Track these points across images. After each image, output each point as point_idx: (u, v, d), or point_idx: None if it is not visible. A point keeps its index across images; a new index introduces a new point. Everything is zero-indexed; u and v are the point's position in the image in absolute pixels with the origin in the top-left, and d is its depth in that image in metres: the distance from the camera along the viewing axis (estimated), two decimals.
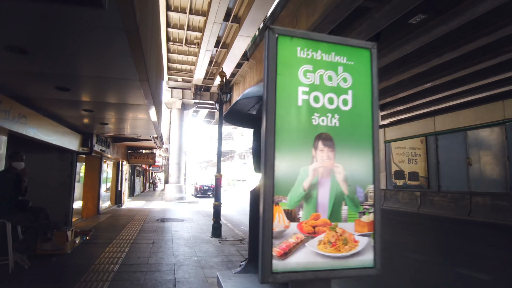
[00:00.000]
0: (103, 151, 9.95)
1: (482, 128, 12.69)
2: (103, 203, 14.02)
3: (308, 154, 2.55)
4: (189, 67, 18.59)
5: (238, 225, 10.37)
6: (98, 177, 11.23)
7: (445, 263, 5.75)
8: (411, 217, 13.28)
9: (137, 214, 11.82)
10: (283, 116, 2.54)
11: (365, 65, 2.85)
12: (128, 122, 6.90)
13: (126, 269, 4.67)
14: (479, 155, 12.56)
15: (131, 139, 11.59)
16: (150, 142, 12.21)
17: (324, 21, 8.65)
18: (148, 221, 9.95)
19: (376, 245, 2.70)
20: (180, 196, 19.87)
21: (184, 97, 20.16)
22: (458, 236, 9.03)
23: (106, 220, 9.92)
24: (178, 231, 8.21)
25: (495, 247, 7.52)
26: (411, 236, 9.38)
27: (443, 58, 11.74)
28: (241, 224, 10.75)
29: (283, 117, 2.54)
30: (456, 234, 9.35)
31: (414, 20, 8.96)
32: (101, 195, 14.19)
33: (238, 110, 4.10)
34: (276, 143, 2.49)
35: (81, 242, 6.32)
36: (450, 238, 8.81)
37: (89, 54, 3.05)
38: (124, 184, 17.11)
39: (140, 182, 27.41)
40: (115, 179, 14.73)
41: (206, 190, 25.96)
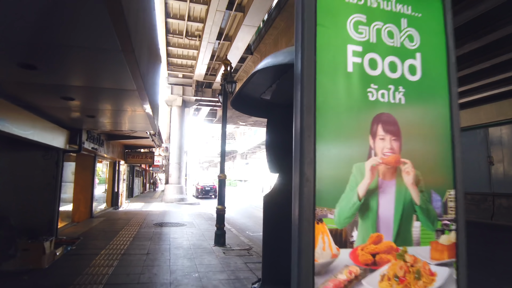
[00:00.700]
0: (96, 150, 9.12)
1: (505, 124, 11.76)
2: (98, 205, 13.22)
3: (363, 143, 1.72)
4: (190, 62, 17.75)
5: (242, 230, 9.53)
6: (91, 177, 10.40)
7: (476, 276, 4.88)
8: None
9: (133, 217, 10.98)
10: (326, 87, 1.71)
11: (436, 18, 2.00)
12: (119, 115, 6.06)
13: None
14: (502, 153, 11.64)
15: (127, 136, 10.76)
16: (147, 140, 11.38)
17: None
18: (144, 226, 9.11)
19: (460, 279, 1.85)
20: (180, 197, 19.04)
21: (185, 94, 19.33)
22: (482, 243, 8.16)
23: (99, 225, 9.09)
24: (177, 238, 7.37)
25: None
26: None
27: (463, 49, 10.88)
28: (246, 229, 9.92)
29: (327, 88, 1.71)
30: (481, 241, 8.48)
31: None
32: (95, 197, 13.44)
33: (249, 94, 3.24)
34: (317, 127, 1.64)
35: (64, 254, 5.48)
36: (472, 244, 7.93)
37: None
38: (122, 185, 16.30)
39: (139, 182, 26.59)
40: (111, 180, 13.90)
41: (208, 191, 25.14)
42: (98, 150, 9.48)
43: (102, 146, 9.87)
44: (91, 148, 8.63)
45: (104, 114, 5.85)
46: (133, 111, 5.58)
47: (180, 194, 19.17)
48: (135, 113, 5.80)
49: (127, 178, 20.23)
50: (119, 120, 6.61)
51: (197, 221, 10.58)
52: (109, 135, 10.51)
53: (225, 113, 7.14)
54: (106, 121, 6.52)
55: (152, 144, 12.68)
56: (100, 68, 3.31)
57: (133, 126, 7.38)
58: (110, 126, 7.36)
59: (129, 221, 10.03)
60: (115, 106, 5.29)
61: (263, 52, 14.40)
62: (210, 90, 19.49)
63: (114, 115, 6.13)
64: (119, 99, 4.82)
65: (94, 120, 6.57)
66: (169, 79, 19.13)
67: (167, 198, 18.88)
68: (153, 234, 7.76)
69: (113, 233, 7.75)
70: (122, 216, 11.56)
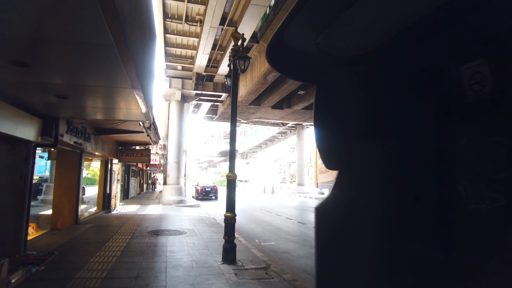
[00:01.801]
0: (80, 145, 7.76)
1: None
2: (87, 209, 11.87)
3: None
4: (190, 53, 16.40)
5: (251, 239, 8.18)
6: (77, 177, 9.04)
7: None
8: None
9: (126, 223, 9.62)
10: None
11: None
12: (101, 98, 4.72)
13: None
14: None
15: (118, 131, 9.41)
16: (142, 135, 10.02)
17: None
18: (137, 234, 7.75)
19: None
20: (179, 199, 17.67)
21: (184, 87, 17.96)
22: None
23: (84, 234, 7.72)
24: (175, 252, 6.01)
25: None
26: None
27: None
28: (255, 236, 8.56)
29: None
30: None
31: None
32: (84, 199, 12.08)
33: (294, 38, 1.84)
34: None
35: (25, 279, 4.12)
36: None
37: None
38: (115, 185, 14.93)
39: (136, 183, 25.20)
40: (103, 180, 12.53)
41: (208, 192, 23.78)
42: (84, 145, 8.12)
43: (89, 141, 8.51)
44: (73, 142, 7.26)
45: (79, 95, 4.49)
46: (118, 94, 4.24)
47: (179, 195, 17.80)
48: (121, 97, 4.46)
49: (122, 178, 18.85)
50: (103, 104, 5.25)
51: (199, 227, 9.22)
52: (98, 129, 9.15)
53: (235, 98, 5.80)
54: (83, 104, 5.16)
55: (148, 140, 11.32)
56: (75, 25, 1.96)
57: (119, 114, 6.02)
58: (93, 114, 6.01)
59: (120, 227, 8.67)
60: (93, 82, 3.93)
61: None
62: (212, 83, 18.14)
63: (93, 99, 4.78)
64: (101, 75, 3.49)
65: (73, 105, 5.22)
66: (167, 71, 17.76)
67: (165, 200, 17.51)
68: (146, 246, 6.39)
69: (98, 244, 6.38)
70: (113, 221, 10.19)
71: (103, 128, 9.19)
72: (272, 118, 23.57)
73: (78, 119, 7.15)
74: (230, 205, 5.45)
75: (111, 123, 7.49)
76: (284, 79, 15.10)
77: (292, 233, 9.60)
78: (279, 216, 13.51)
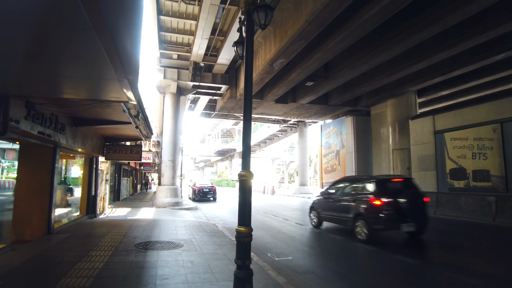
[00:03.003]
0: (49, 136, 6.18)
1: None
2: (69, 213, 10.26)
3: None
4: (187, 39, 14.80)
5: (262, 251, 6.61)
6: (50, 177, 7.45)
7: None
8: (488, 230, 9.65)
9: (111, 231, 8.05)
10: None
11: None
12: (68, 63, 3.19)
13: None
14: None
15: (99, 121, 7.82)
16: (131, 127, 8.43)
17: None
18: (121, 248, 6.18)
19: None
20: (175, 201, 16.08)
21: (181, 78, 16.36)
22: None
23: (53, 249, 6.15)
24: (167, 278, 4.46)
25: None
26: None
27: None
28: (266, 248, 6.93)
29: None
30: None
31: None
32: (67, 201, 10.49)
33: None
34: None
35: None
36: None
37: None
38: (103, 186, 13.33)
39: (128, 183, 23.53)
40: (87, 181, 10.94)
41: (206, 192, 22.20)
42: (55, 138, 6.53)
43: (62, 132, 6.91)
44: (38, 133, 5.68)
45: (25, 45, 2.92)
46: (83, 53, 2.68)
47: (174, 197, 16.21)
48: (88, 57, 2.90)
49: (112, 179, 17.22)
50: (69, 73, 3.69)
51: (197, 237, 7.67)
52: (75, 118, 7.57)
53: (250, 71, 4.28)
54: (34, 65, 3.57)
55: (138, 134, 9.73)
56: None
57: (89, 90, 4.44)
58: (57, 88, 4.43)
59: (102, 238, 7.09)
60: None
61: (279, 21, 11.51)
62: (210, 74, 16.55)
63: (45, 57, 3.21)
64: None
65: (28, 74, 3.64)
66: (161, 60, 16.12)
67: (159, 202, 15.91)
68: (129, 269, 4.83)
69: (65, 266, 4.82)
70: (96, 229, 8.62)
71: (82, 118, 7.60)
72: (274, 113, 22.04)
73: (44, 102, 5.56)
74: (244, 216, 3.91)
75: (83, 105, 5.87)
76: (293, 67, 13.57)
77: (309, 244, 8.08)
78: (287, 220, 11.99)
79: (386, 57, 12.40)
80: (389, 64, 13.78)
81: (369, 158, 19.22)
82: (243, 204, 3.95)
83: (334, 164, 21.98)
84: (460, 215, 11.87)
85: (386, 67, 14.02)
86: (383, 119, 18.09)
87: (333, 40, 10.66)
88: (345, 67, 13.66)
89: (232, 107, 19.87)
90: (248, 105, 4.25)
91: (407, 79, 15.45)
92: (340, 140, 21.33)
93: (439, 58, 12.49)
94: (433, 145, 13.95)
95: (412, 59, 12.78)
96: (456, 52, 11.99)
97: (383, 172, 17.89)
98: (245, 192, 3.96)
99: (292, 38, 10.29)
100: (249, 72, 4.30)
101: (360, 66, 13.28)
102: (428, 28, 10.06)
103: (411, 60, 12.78)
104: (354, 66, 13.35)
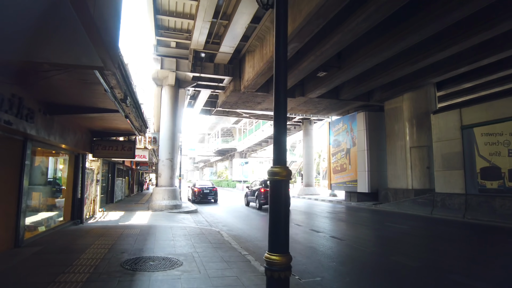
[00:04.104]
0: (8, 124, 4.75)
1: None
2: (48, 221, 8.80)
3: None
4: (187, 24, 13.37)
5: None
6: (18, 177, 6.02)
7: None
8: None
9: (94, 243, 6.62)
10: None
11: None
12: None
13: None
14: None
15: (81, 108, 6.41)
16: (119, 117, 7.02)
17: None
18: (102, 270, 4.75)
19: None
20: (173, 203, 14.64)
21: (179, 68, 14.92)
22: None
23: (11, 270, 4.72)
24: None
25: None
26: None
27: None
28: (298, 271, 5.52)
29: None
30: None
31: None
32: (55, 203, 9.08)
33: None
34: None
35: None
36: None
37: None
38: (94, 188, 11.91)
39: (124, 184, 22.08)
40: (72, 182, 9.51)
41: (207, 194, 20.79)
42: (20, 127, 5.11)
43: (31, 121, 5.49)
44: None
45: None
46: None
47: (172, 199, 14.77)
48: None
49: (105, 179, 15.79)
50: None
51: (200, 250, 6.25)
52: (49, 104, 6.14)
53: (284, 19, 2.87)
54: None
55: (130, 127, 8.31)
56: None
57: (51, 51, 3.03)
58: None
59: (81, 254, 5.67)
60: None
61: (291, 1, 10.11)
62: (212, 65, 15.10)
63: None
64: None
65: None
66: (158, 48, 14.66)
67: (155, 204, 14.47)
68: None
69: None
70: (78, 240, 7.19)
71: (57, 104, 6.19)
72: None
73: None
74: (279, 236, 2.50)
75: (45, 75, 4.41)
76: (304, 55, 12.18)
77: (335, 257, 6.66)
78: (301, 226, 10.57)
79: (411, 42, 11.02)
80: (410, 52, 12.41)
81: (383, 156, 17.83)
82: (277, 217, 2.54)
83: (344, 164, 20.57)
84: (495, 219, 10.49)
85: (407, 54, 12.65)
86: (398, 114, 16.71)
87: (355, 20, 9.27)
88: (362, 55, 12.28)
89: (235, 102, 18.44)
90: (281, 70, 2.83)
91: (428, 70, 14.09)
92: (350, 138, 19.92)
93: (469, 43, 11.13)
94: (460, 142, 12.56)
95: (438, 45, 11.41)
96: (489, 37, 10.64)
97: (399, 172, 16.53)
98: (279, 199, 2.56)
99: (308, 16, 8.88)
100: (282, 21, 2.88)
101: (380, 53, 11.89)
102: (465, 5, 8.69)
103: (438, 46, 11.40)
104: (373, 54, 11.97)
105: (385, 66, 13.84)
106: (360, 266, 6.02)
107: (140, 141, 14.99)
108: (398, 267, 5.80)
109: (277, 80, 2.82)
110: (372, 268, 5.91)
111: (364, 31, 10.18)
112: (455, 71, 13.57)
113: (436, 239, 8.68)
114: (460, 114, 12.68)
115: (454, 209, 12.09)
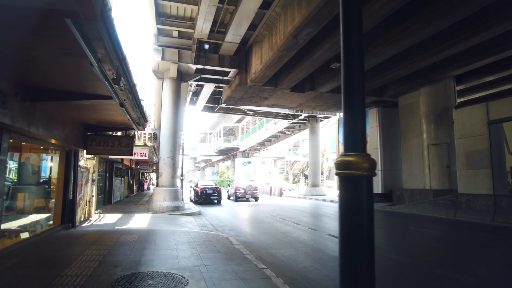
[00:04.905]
0: None
1: None
2: (34, 225, 7.81)
3: None
4: (190, 10, 12.37)
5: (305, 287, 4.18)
6: None
7: None
8: None
9: (84, 253, 5.63)
10: None
11: None
12: None
13: None
14: None
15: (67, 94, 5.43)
16: (113, 107, 6.04)
17: None
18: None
19: None
20: (175, 205, 13.65)
21: (182, 60, 13.91)
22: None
23: None
24: None
25: None
26: None
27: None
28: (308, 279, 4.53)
29: None
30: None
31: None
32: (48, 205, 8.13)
33: None
34: None
35: None
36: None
37: None
38: (90, 188, 10.93)
39: (123, 184, 21.11)
40: (63, 181, 8.53)
41: (210, 194, 19.80)
42: None
43: (4, 106, 4.50)
44: None
45: None
46: None
47: (174, 200, 13.78)
48: None
49: (102, 178, 14.82)
50: None
51: (208, 262, 5.25)
52: (29, 88, 5.14)
53: None
54: None
55: (126, 120, 7.31)
56: None
57: None
58: None
59: (66, 267, 4.68)
60: None
61: None
62: (217, 56, 14.09)
63: None
64: None
65: None
66: (159, 38, 13.65)
67: (156, 206, 13.48)
68: None
69: None
70: (65, 249, 6.20)
71: (39, 88, 5.19)
72: (288, 105, 19.63)
73: None
74: (357, 281, 1.49)
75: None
76: (320, 42, 11.16)
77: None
78: (316, 231, 9.58)
79: (438, 27, 10.04)
80: (431, 41, 11.41)
81: (397, 155, 16.81)
82: (354, 245, 1.52)
83: None
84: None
85: (428, 44, 11.65)
86: (414, 110, 15.68)
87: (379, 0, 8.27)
88: (383, 42, 11.25)
89: (240, 97, 17.43)
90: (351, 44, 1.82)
91: (448, 62, 13.08)
92: None
93: (498, 31, 10.14)
94: (487, 138, 11.55)
95: (468, 31, 10.38)
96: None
97: (415, 171, 15.50)
98: (358, 211, 1.54)
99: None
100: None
101: (402, 42, 10.89)
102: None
103: (468, 31, 10.37)
104: (394, 42, 10.96)
105: (401, 57, 12.84)
106: (403, 280, 5.00)
107: (140, 137, 13.99)
108: (447, 284, 4.78)
109: (346, 51, 1.82)
110: (421, 286, 4.89)
111: (387, 14, 9.19)
112: (479, 62, 12.56)
113: (478, 247, 7.62)
114: (487, 108, 11.67)
115: (481, 211, 11.07)
